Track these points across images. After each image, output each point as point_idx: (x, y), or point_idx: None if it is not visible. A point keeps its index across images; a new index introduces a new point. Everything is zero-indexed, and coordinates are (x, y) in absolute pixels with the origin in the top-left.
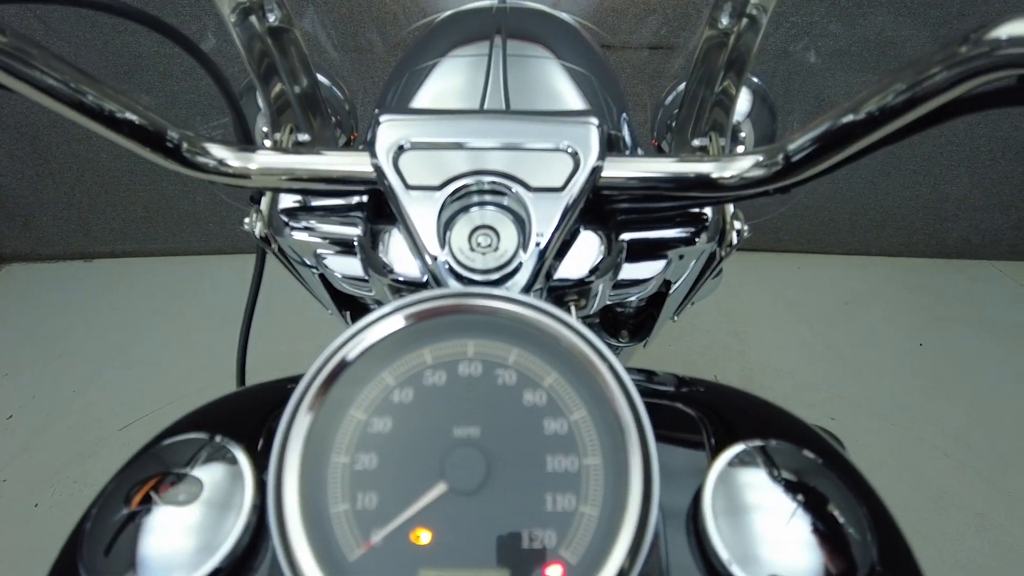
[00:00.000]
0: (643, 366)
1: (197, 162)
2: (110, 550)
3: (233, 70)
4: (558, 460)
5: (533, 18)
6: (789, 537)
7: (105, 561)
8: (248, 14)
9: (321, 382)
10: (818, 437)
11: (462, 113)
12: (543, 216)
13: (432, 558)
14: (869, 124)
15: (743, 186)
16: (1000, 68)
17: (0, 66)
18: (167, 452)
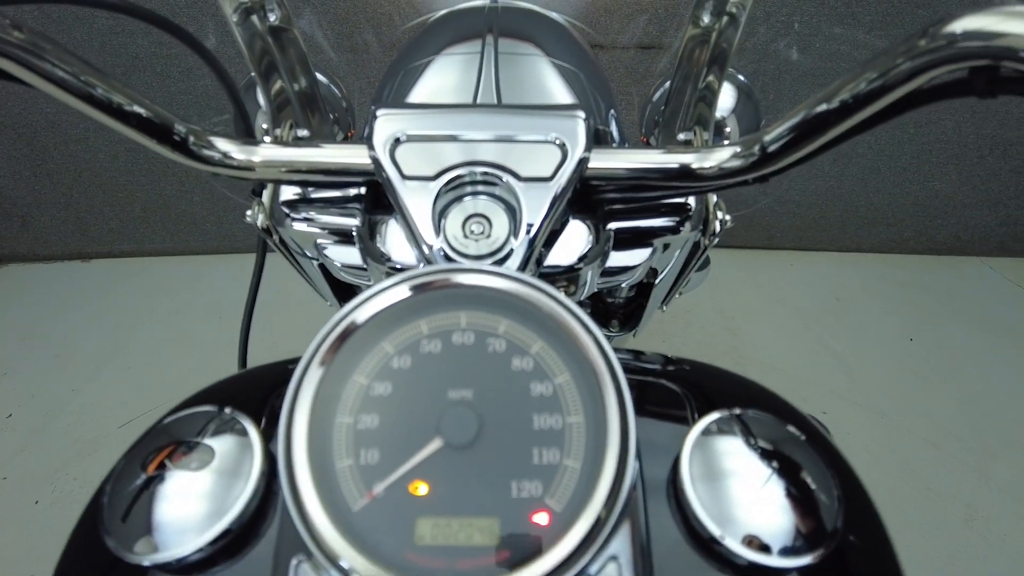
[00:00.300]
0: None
1: (203, 155)
2: (128, 513)
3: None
4: (544, 419)
5: (524, 17)
6: (763, 499)
7: (124, 524)
8: (249, 14)
9: (330, 344)
10: (792, 409)
11: (455, 107)
12: (533, 205)
13: (429, 507)
14: (839, 114)
15: (723, 176)
16: (954, 61)
17: (18, 61)
18: (180, 424)
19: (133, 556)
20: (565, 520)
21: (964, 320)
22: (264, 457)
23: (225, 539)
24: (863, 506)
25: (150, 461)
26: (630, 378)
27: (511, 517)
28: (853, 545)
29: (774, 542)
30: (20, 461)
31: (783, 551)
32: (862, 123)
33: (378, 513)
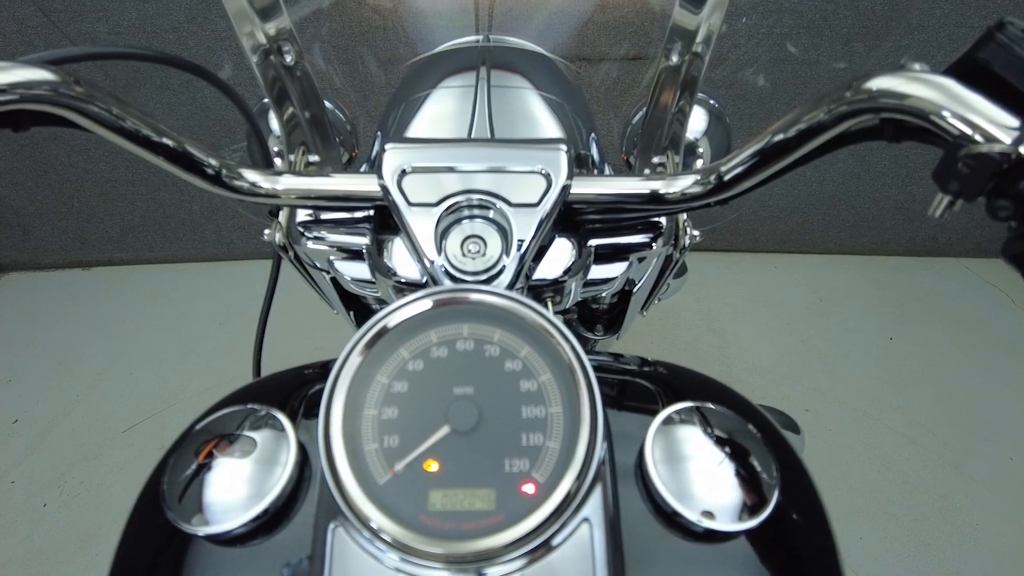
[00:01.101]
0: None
1: (235, 185)
2: (184, 494)
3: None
4: (530, 409)
5: (513, 53)
6: (715, 477)
7: (181, 502)
8: (268, 54)
9: (363, 346)
10: (746, 402)
11: (454, 142)
12: (522, 227)
13: (439, 481)
14: (780, 150)
15: (687, 200)
16: (869, 112)
17: (81, 112)
18: (224, 419)
19: (190, 527)
20: (547, 489)
21: (942, 319)
22: (297, 448)
23: (265, 517)
24: (801, 481)
25: (201, 450)
26: (609, 377)
27: (505, 488)
28: (790, 512)
29: (724, 512)
30: (27, 465)
31: (731, 518)
32: (800, 159)
33: (399, 486)
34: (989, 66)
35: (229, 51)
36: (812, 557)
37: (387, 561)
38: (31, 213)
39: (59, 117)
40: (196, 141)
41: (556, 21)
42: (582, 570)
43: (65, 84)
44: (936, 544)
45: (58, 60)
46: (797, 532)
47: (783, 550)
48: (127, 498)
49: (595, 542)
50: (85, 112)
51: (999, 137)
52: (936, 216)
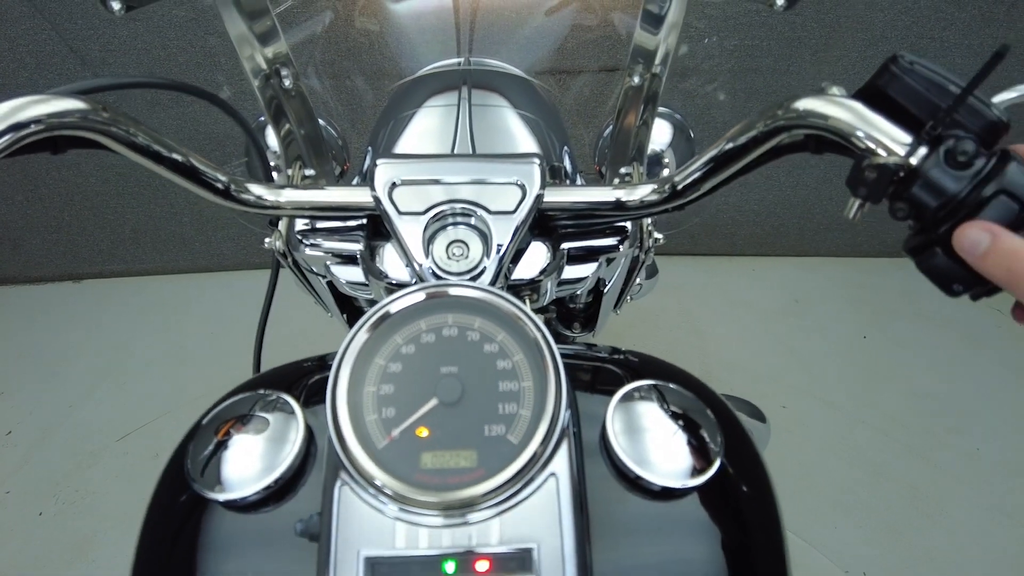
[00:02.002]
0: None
1: (241, 199)
2: (206, 466)
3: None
4: (506, 384)
5: (492, 75)
6: (668, 444)
7: (202, 475)
8: (267, 77)
9: (365, 330)
10: (699, 383)
11: (438, 157)
12: (501, 232)
13: (429, 445)
14: (724, 162)
15: (646, 206)
16: (796, 128)
17: (106, 135)
18: (239, 403)
19: (211, 495)
20: (519, 448)
21: (914, 317)
22: (305, 426)
23: (276, 486)
24: (745, 450)
25: (219, 429)
26: (582, 363)
27: (484, 449)
28: (734, 474)
29: (674, 472)
30: (22, 475)
31: (680, 478)
32: (741, 169)
33: (395, 449)
34: (887, 91)
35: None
36: (756, 513)
37: (388, 512)
38: (21, 227)
39: (91, 140)
40: (205, 159)
41: (532, 44)
42: (550, 516)
43: (94, 111)
44: (906, 530)
45: (86, 90)
46: (741, 492)
47: (728, 507)
48: (123, 505)
49: (560, 493)
50: (112, 135)
51: (896, 151)
52: (850, 217)
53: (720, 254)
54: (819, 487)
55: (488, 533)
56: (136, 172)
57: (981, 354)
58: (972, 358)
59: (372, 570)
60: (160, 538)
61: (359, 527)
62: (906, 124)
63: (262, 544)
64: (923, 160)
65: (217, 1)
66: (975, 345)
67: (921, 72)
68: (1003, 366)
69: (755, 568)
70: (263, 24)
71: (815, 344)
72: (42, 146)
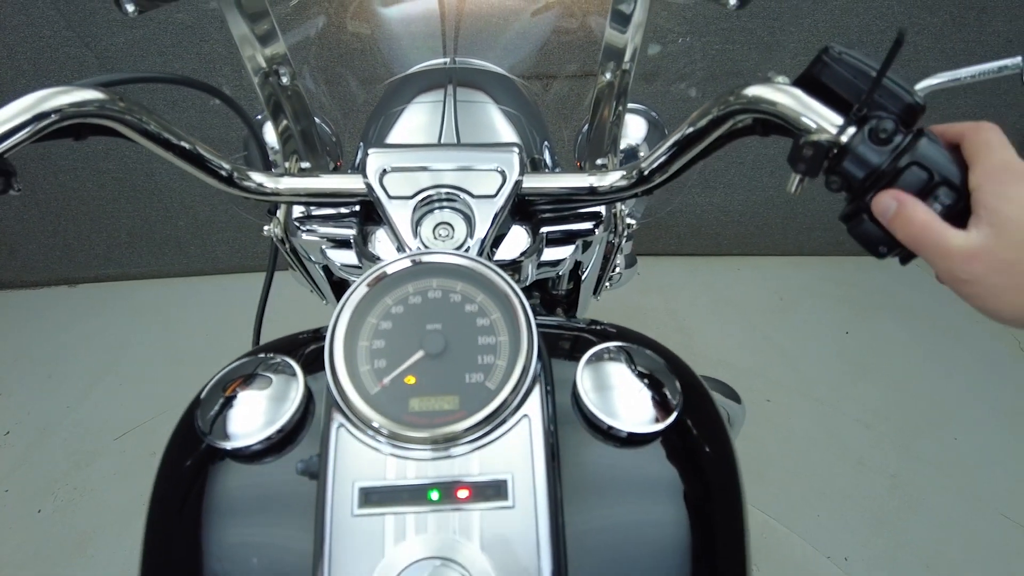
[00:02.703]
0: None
1: (244, 186)
2: (215, 420)
3: None
4: (484, 338)
5: (476, 73)
6: (631, 395)
7: (213, 426)
8: (268, 76)
9: (360, 291)
10: (663, 348)
11: (426, 146)
12: (483, 215)
13: (417, 391)
14: (684, 147)
15: (616, 191)
16: (746, 113)
17: (123, 122)
18: (246, 364)
19: (219, 444)
20: (496, 392)
21: (895, 313)
22: (304, 384)
23: (278, 437)
24: (702, 403)
25: (227, 387)
26: (563, 332)
27: (465, 394)
28: (692, 423)
29: (638, 420)
30: (21, 474)
31: (643, 424)
32: (700, 153)
33: (387, 395)
34: (821, 79)
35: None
36: (713, 459)
37: (380, 448)
38: (18, 232)
39: (109, 128)
40: (211, 148)
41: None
42: (523, 452)
43: (112, 102)
44: (888, 518)
45: (106, 83)
46: (698, 440)
47: (687, 452)
48: (121, 501)
49: (532, 432)
50: (127, 123)
51: (829, 130)
52: (792, 191)
53: (706, 254)
54: (802, 477)
55: (468, 465)
56: (132, 177)
57: (958, 348)
58: (950, 352)
59: (365, 498)
60: (173, 487)
61: (354, 462)
62: (838, 107)
63: (266, 487)
64: (851, 138)
65: (222, 4)
66: (953, 340)
67: (849, 61)
68: (980, 360)
69: (712, 507)
70: (263, 26)
71: (799, 340)
72: (66, 132)
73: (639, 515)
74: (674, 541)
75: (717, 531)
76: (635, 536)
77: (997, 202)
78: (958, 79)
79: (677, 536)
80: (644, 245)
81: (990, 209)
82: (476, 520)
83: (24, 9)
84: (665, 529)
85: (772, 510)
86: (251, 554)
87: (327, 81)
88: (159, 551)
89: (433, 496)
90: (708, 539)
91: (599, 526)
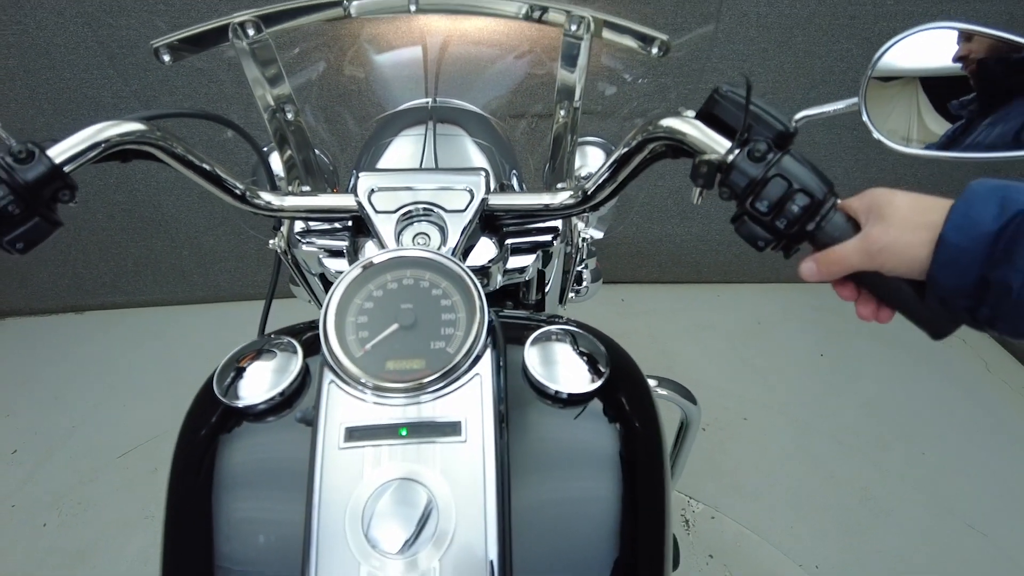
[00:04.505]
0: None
1: (254, 203)
2: (231, 384)
3: None
4: (446, 315)
5: (454, 111)
6: (568, 366)
7: (229, 389)
8: (275, 112)
9: (357, 273)
10: (604, 335)
11: (408, 170)
12: (455, 226)
13: (392, 354)
14: (617, 168)
15: (567, 208)
16: (661, 139)
17: (160, 148)
18: (257, 343)
19: (234, 403)
20: (454, 356)
21: (867, 338)
22: (303, 358)
23: (280, 398)
24: (631, 372)
25: (241, 359)
26: (525, 322)
27: (430, 357)
28: (619, 387)
29: (571, 383)
30: (27, 490)
31: (581, 385)
32: (629, 174)
33: (369, 357)
34: (714, 112)
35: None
36: (638, 421)
37: (364, 398)
38: (29, 261)
39: (148, 153)
40: (227, 170)
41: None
42: (475, 401)
43: (151, 132)
44: (859, 529)
45: (147, 117)
46: (624, 403)
47: (614, 412)
48: (124, 515)
49: (483, 387)
50: (162, 149)
51: (719, 152)
52: (695, 202)
53: (686, 281)
54: (776, 491)
55: (431, 409)
56: (140, 208)
57: (927, 369)
58: (918, 372)
59: (349, 435)
60: (194, 441)
61: (340, 408)
62: (725, 134)
63: (271, 436)
64: (735, 157)
65: (239, 52)
66: (922, 362)
67: (733, 98)
68: (946, 379)
69: (635, 457)
70: (272, 70)
71: (776, 362)
72: (115, 156)
73: (573, 458)
74: (603, 479)
75: (639, 475)
76: (571, 474)
77: (882, 208)
78: (824, 112)
79: (605, 474)
80: (627, 273)
81: (879, 214)
82: (436, 451)
83: (46, 54)
84: (595, 470)
85: (746, 520)
86: (258, 486)
87: (326, 118)
88: (183, 492)
89: (403, 432)
90: (631, 480)
91: (538, 463)
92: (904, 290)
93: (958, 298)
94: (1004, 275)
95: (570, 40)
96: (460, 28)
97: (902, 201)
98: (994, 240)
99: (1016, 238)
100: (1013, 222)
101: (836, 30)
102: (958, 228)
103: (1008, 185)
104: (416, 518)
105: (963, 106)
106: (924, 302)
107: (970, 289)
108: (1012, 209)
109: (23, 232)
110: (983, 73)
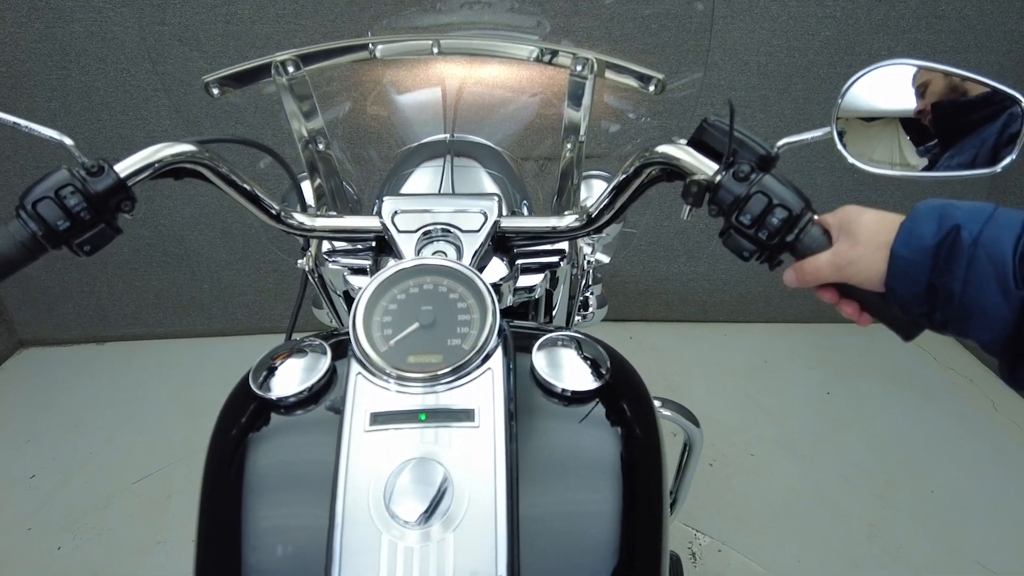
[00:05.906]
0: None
1: (288, 222)
2: (265, 379)
3: None
4: (461, 316)
5: (470, 145)
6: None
7: (263, 384)
8: (308, 144)
9: (384, 276)
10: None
11: (427, 195)
12: (469, 245)
13: (413, 349)
14: (617, 193)
15: (571, 231)
16: (657, 164)
17: (209, 168)
18: (289, 344)
19: (268, 395)
20: (468, 352)
21: (873, 376)
22: (331, 358)
23: (309, 392)
24: (629, 373)
25: (275, 358)
26: (536, 332)
27: (447, 352)
28: (620, 391)
29: (580, 382)
30: (43, 514)
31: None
32: (628, 198)
33: (393, 351)
34: (703, 139)
35: None
36: (637, 421)
37: (388, 387)
38: (56, 293)
39: (198, 172)
40: (266, 191)
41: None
42: (487, 391)
43: (201, 153)
44: (866, 564)
45: (200, 141)
46: (624, 404)
47: (614, 412)
48: (137, 540)
49: (494, 380)
50: (210, 168)
51: (708, 174)
52: (684, 218)
53: (694, 320)
54: (783, 525)
55: (448, 398)
56: (165, 243)
57: (934, 407)
58: (926, 410)
59: (373, 419)
60: (229, 431)
61: (367, 397)
62: (713, 158)
63: (301, 425)
64: (722, 177)
65: (279, 88)
66: (928, 399)
67: (720, 127)
68: (954, 417)
69: (633, 453)
70: (307, 104)
71: (782, 399)
72: (169, 174)
73: (576, 451)
74: (603, 472)
75: (638, 468)
76: (574, 465)
77: (851, 225)
78: (803, 139)
79: (606, 468)
80: (635, 311)
81: (848, 231)
82: (452, 435)
83: (86, 96)
84: (597, 462)
85: (752, 553)
86: (290, 468)
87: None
88: (219, 479)
89: (422, 417)
90: (630, 472)
91: (543, 452)
92: (873, 297)
93: (913, 305)
94: (947, 283)
95: (576, 80)
96: (476, 70)
97: (868, 219)
98: (935, 252)
99: (952, 249)
100: (948, 236)
101: (834, 78)
102: (905, 243)
103: (947, 204)
104: (432, 493)
105: (927, 150)
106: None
107: (922, 296)
108: (947, 225)
109: (90, 236)
110: (939, 116)
